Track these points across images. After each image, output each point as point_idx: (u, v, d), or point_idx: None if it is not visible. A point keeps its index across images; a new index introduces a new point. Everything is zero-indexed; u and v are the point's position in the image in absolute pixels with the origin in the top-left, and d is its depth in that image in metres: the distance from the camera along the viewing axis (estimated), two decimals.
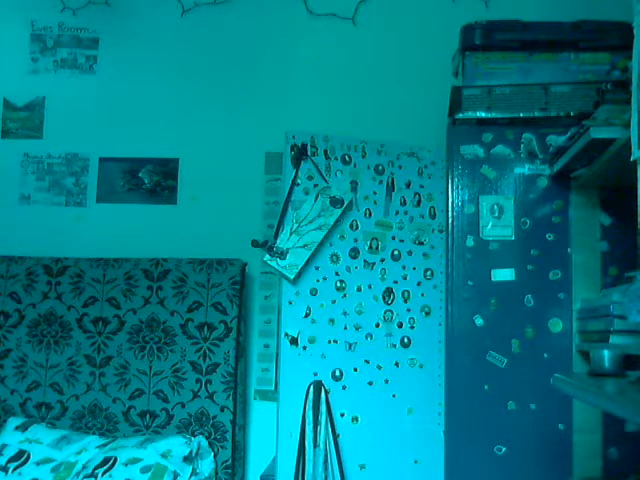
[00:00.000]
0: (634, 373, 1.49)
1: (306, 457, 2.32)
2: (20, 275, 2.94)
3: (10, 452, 2.59)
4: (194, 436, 2.65)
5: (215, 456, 2.66)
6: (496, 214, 2.11)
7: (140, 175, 3.13)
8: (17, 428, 2.69)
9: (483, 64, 2.16)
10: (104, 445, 2.59)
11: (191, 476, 2.50)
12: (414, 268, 2.55)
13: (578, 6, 2.55)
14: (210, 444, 2.67)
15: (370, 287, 2.50)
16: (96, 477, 2.41)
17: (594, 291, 2.02)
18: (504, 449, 2.05)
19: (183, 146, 3.12)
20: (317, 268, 2.45)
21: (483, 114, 2.13)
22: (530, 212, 2.11)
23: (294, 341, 2.40)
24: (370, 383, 2.47)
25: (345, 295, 2.48)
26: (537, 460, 2.03)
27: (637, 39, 1.41)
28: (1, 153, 3.21)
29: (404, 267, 2.54)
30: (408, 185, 2.59)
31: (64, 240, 3.09)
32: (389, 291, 2.52)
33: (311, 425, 2.34)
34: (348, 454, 2.40)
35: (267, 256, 2.41)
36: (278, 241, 2.40)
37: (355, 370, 2.46)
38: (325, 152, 2.50)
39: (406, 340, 2.52)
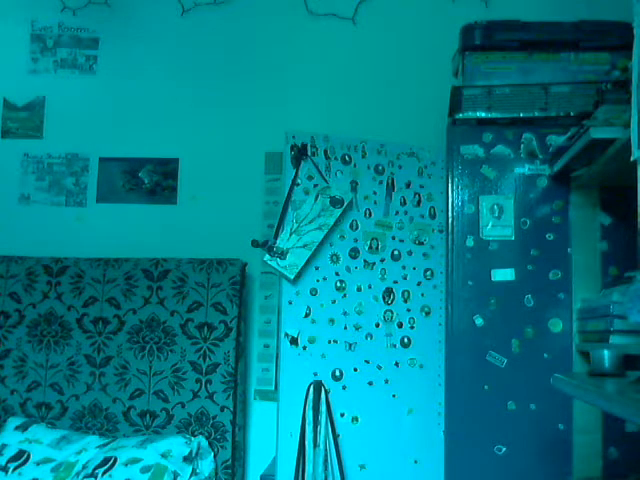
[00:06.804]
0: (634, 373, 1.48)
1: (306, 457, 2.32)
2: (20, 275, 2.94)
3: (10, 452, 2.59)
4: (194, 436, 2.65)
5: (215, 456, 2.66)
6: (496, 214, 2.11)
7: (140, 175, 3.13)
8: (17, 428, 2.69)
9: (483, 64, 2.16)
10: (104, 445, 2.59)
11: (191, 476, 2.50)
12: (414, 268, 2.55)
13: (578, 6, 2.56)
14: (210, 444, 2.67)
15: (370, 287, 2.50)
16: (96, 477, 2.41)
17: (594, 291, 2.02)
18: (504, 449, 2.05)
19: (183, 146, 3.12)
20: (317, 268, 2.45)
21: (483, 114, 2.13)
22: (530, 212, 2.11)
23: (294, 341, 2.40)
24: (370, 383, 2.47)
25: (345, 295, 2.48)
26: (537, 460, 2.03)
27: (637, 39, 1.41)
28: (1, 153, 3.21)
29: (404, 267, 2.54)
30: (408, 185, 2.59)
31: (64, 240, 3.09)
32: (389, 291, 2.52)
33: (311, 425, 2.34)
34: (348, 454, 2.40)
35: (267, 256, 2.41)
36: (278, 241, 2.40)
37: (355, 370, 2.46)
38: (325, 152, 2.50)
39: (406, 340, 2.52)
